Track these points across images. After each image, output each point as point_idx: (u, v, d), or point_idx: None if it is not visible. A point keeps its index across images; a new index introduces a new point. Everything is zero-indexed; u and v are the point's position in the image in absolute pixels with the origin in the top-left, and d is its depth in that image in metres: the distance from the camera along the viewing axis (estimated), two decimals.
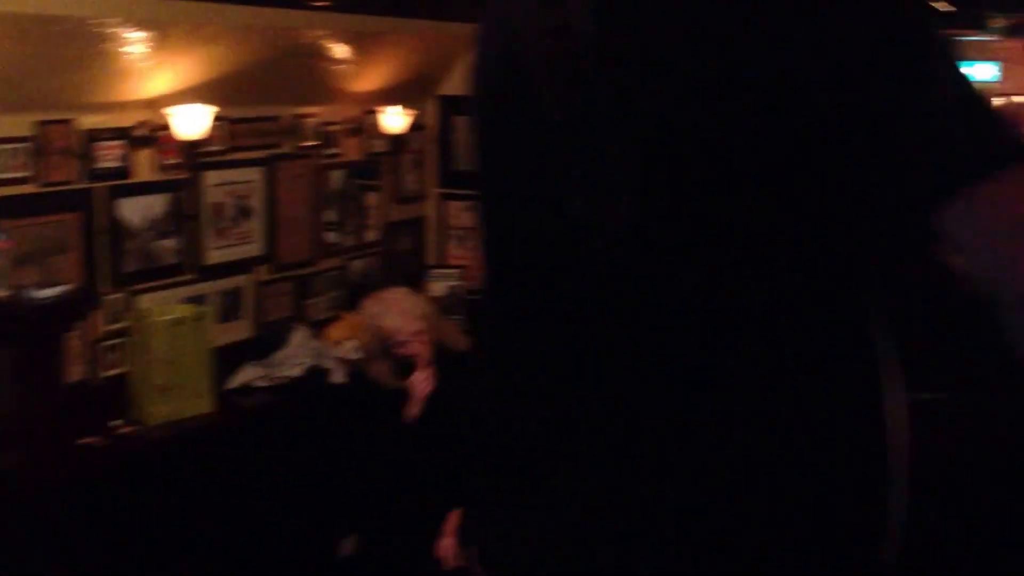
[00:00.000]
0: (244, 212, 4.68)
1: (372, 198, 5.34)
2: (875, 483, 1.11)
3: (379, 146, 5.32)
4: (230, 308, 4.65)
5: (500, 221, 1.25)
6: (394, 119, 5.15)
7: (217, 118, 4.23)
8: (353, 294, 4.95)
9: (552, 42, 1.12)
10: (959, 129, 1.00)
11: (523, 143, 1.18)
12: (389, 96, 5.15)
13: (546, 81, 1.12)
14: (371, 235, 5.36)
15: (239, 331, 4.67)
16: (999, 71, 12.13)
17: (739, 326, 1.08)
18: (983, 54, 11.87)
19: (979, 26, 6.53)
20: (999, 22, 8.42)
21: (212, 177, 4.50)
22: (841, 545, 1.11)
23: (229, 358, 4.43)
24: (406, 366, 4.18)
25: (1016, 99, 12.20)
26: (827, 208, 1.06)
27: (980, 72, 12.29)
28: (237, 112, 4.50)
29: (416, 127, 5.33)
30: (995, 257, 1.00)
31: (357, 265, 5.27)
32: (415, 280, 5.27)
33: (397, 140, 5.26)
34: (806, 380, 1.10)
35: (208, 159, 4.43)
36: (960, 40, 10.15)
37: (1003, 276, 0.99)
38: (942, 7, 5.34)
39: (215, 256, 4.56)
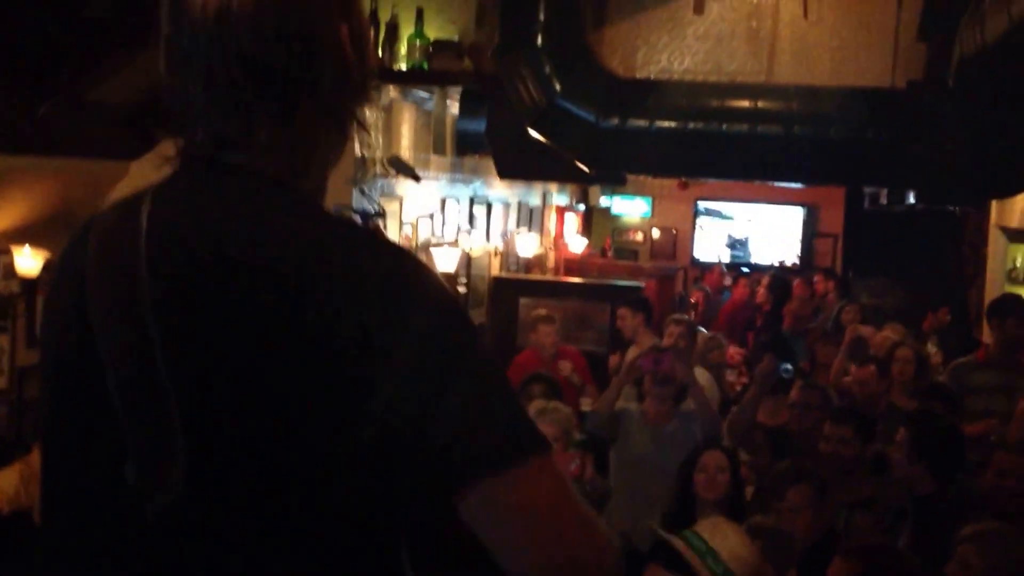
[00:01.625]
0: None
1: (2, 341, 4.96)
2: None
3: (12, 287, 4.97)
4: None
5: (58, 479, 1.22)
6: (27, 260, 4.84)
7: None
8: None
9: (116, 311, 1.13)
10: (478, 422, 1.07)
11: (83, 403, 1.16)
12: (24, 236, 4.85)
13: (107, 346, 1.12)
14: None
15: None
16: (651, 207, 13.35)
17: None
18: (637, 190, 13.02)
19: (618, 182, 7.20)
20: (628, 186, 9.35)
21: None
22: None
23: None
24: None
25: (665, 228, 13.44)
26: (362, 496, 1.10)
27: (636, 207, 13.48)
28: None
29: None
30: (506, 544, 1.07)
31: None
32: None
33: (31, 281, 4.94)
34: None
35: None
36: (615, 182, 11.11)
37: (516, 562, 1.07)
38: (585, 167, 5.78)
39: None
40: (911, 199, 6.71)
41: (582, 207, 12.86)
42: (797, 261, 12.71)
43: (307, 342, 1.06)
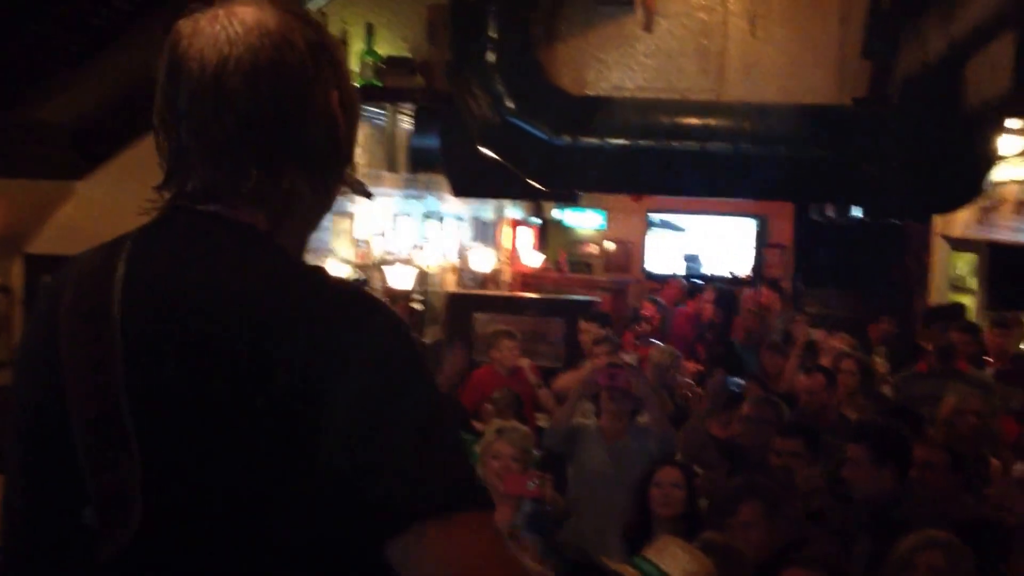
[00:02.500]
0: None
1: None
2: None
3: None
4: None
5: (16, 517, 1.23)
6: None
7: None
8: None
9: (86, 354, 1.15)
10: (418, 470, 1.09)
11: (45, 444, 1.18)
12: None
13: (74, 387, 1.14)
14: None
15: None
16: (605, 220, 13.44)
17: None
18: (591, 203, 13.11)
19: (571, 199, 7.28)
20: (582, 198, 9.48)
21: None
22: None
23: None
24: None
25: (619, 241, 13.54)
26: (313, 538, 1.11)
27: (590, 219, 13.57)
28: None
29: None
30: None
31: None
32: None
33: None
34: None
35: None
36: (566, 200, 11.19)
37: None
38: (537, 185, 5.82)
39: None
40: (857, 212, 6.84)
41: (536, 220, 12.91)
42: (749, 272, 12.83)
43: (262, 389, 1.09)
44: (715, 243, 13.12)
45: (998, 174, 7.03)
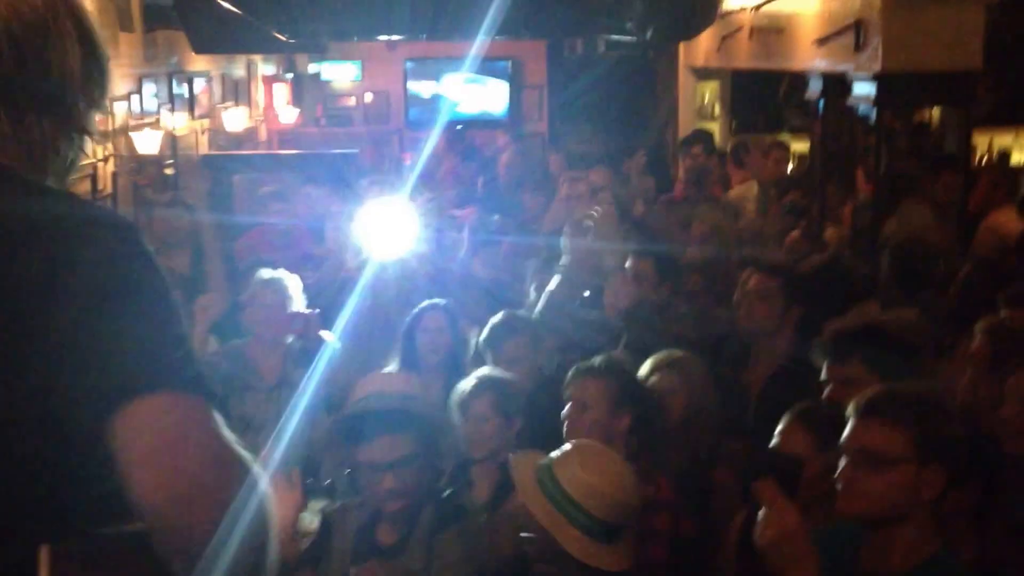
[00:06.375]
0: None
1: None
2: None
3: None
4: None
5: None
6: None
7: None
8: None
9: None
10: (134, 352, 1.14)
11: None
12: None
13: None
14: None
15: None
16: (360, 70, 13.15)
17: None
18: (345, 55, 12.76)
19: (319, 50, 7.06)
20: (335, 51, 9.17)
21: None
22: None
23: None
24: None
25: (377, 92, 13.32)
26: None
27: (346, 71, 13.23)
28: None
29: None
30: (131, 467, 1.11)
31: None
32: None
33: None
34: None
35: None
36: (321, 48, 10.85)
37: (135, 485, 1.11)
38: (283, 38, 5.61)
39: None
40: (603, 48, 7.01)
41: (290, 76, 12.50)
42: (506, 116, 12.95)
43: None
44: (472, 88, 13.10)
45: (733, 2, 7.36)
